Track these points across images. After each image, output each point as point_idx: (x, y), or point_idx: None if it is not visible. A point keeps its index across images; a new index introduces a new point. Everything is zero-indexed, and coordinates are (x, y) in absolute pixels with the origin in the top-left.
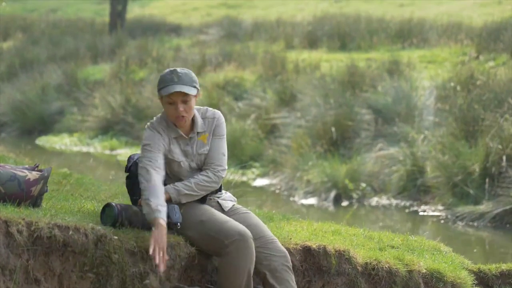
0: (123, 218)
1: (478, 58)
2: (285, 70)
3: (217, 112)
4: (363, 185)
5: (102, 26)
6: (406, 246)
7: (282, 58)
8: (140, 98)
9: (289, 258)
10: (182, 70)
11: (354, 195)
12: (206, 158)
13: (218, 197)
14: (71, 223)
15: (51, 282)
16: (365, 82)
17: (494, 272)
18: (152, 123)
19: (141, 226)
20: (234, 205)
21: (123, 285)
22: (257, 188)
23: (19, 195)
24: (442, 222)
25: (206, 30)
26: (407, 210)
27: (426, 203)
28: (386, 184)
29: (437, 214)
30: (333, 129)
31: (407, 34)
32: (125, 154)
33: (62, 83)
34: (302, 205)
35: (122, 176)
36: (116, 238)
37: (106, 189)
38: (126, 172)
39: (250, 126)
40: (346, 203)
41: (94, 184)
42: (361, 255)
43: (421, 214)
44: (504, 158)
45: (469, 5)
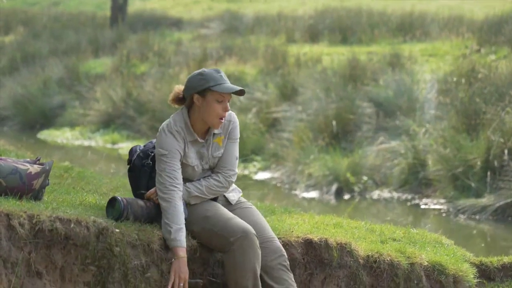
0: (129, 213)
1: (479, 51)
2: (286, 64)
3: (232, 114)
4: (365, 178)
5: (103, 20)
6: (408, 239)
7: (283, 52)
8: (141, 92)
9: (286, 257)
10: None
11: (356, 189)
12: (219, 161)
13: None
14: (73, 216)
15: (53, 275)
16: (366, 75)
17: (495, 264)
18: (168, 126)
19: (145, 220)
20: (239, 197)
21: (125, 278)
22: (258, 181)
23: (21, 189)
24: (444, 215)
25: (207, 24)
26: (409, 203)
27: (427, 196)
28: (387, 177)
29: (438, 207)
30: (334, 122)
31: (409, 28)
32: (126, 147)
33: (64, 77)
34: (304, 198)
35: (123, 169)
36: (117, 231)
37: (107, 182)
38: (128, 165)
39: (252, 120)
40: (347, 197)
41: (95, 177)
42: (362, 248)
43: (422, 207)
44: (506, 151)
45: None
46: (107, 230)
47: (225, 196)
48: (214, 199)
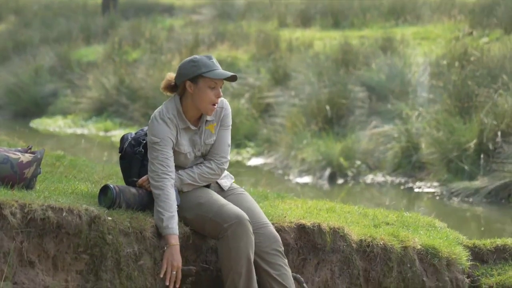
0: (121, 200)
1: (471, 34)
2: (278, 49)
3: (224, 101)
4: (358, 162)
5: (94, 7)
6: (401, 222)
7: (275, 37)
8: (133, 79)
9: (280, 243)
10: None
11: (349, 173)
12: (211, 148)
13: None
14: (65, 205)
15: (45, 264)
16: (358, 59)
17: (489, 247)
18: (160, 114)
19: (137, 207)
20: (232, 183)
21: (118, 265)
22: (251, 167)
23: (12, 178)
24: (437, 198)
25: (199, 10)
26: (402, 187)
27: (421, 180)
28: (381, 161)
29: (432, 190)
30: (327, 107)
31: (400, 11)
32: (119, 135)
33: (55, 65)
34: (297, 183)
35: (116, 157)
36: (110, 219)
37: (100, 170)
38: (120, 152)
39: (244, 105)
40: (341, 181)
41: (88, 165)
42: (355, 232)
43: (416, 190)
44: (499, 133)
45: None
46: (100, 218)
47: (217, 182)
48: (207, 186)
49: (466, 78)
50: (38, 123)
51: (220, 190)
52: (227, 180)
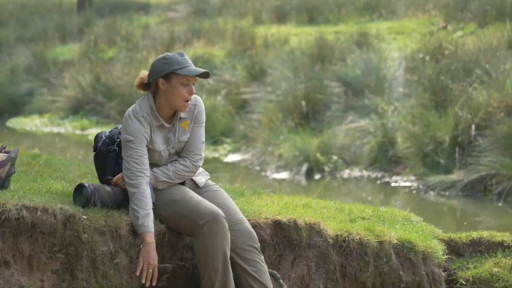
0: (96, 199)
1: (446, 28)
2: (254, 45)
3: (198, 98)
4: (335, 157)
5: (70, 6)
6: (377, 217)
7: (251, 33)
8: (110, 77)
9: (256, 239)
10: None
11: (326, 168)
12: (185, 145)
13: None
14: (39, 204)
15: (21, 264)
16: (334, 55)
17: (464, 240)
18: (134, 112)
19: (113, 206)
20: (207, 180)
21: (93, 264)
22: (229, 164)
23: None
24: (414, 192)
25: (174, 7)
26: (379, 182)
27: (397, 174)
28: (357, 156)
29: (408, 184)
30: (303, 102)
31: (375, 6)
32: (95, 133)
33: (31, 64)
34: (275, 179)
35: (91, 155)
36: (85, 217)
37: (75, 169)
38: (94, 151)
39: (221, 102)
40: (318, 176)
41: (63, 164)
42: (331, 228)
43: (393, 185)
44: (473, 127)
45: None
46: (74, 217)
47: (193, 179)
48: (182, 183)
49: (440, 72)
50: (14, 122)
51: (195, 187)
52: (202, 177)
